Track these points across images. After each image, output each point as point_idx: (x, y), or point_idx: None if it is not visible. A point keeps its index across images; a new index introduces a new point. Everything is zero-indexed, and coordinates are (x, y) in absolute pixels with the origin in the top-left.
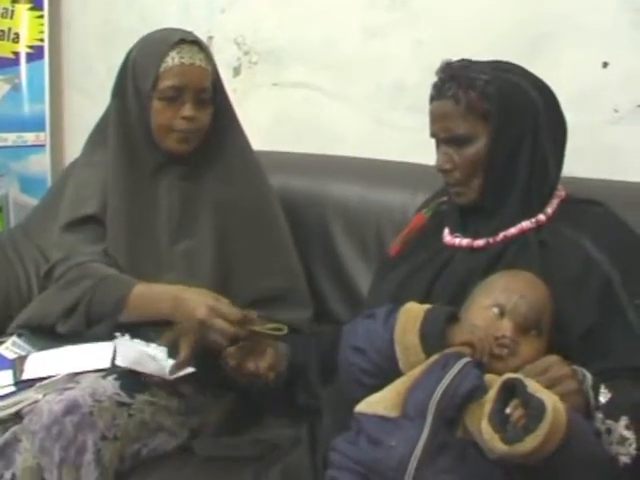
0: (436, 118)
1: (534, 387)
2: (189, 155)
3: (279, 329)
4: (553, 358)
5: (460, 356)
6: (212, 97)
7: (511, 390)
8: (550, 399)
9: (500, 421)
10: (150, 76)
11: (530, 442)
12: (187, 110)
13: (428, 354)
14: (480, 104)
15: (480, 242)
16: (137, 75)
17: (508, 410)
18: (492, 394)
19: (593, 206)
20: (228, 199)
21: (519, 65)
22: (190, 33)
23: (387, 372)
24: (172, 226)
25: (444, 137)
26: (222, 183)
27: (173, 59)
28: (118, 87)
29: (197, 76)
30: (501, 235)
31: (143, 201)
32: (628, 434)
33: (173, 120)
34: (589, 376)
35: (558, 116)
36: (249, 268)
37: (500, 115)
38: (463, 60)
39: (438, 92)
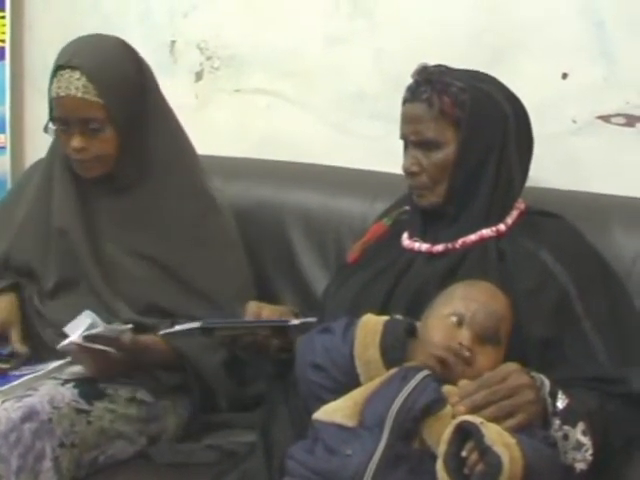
0: (408, 120)
1: (490, 435)
2: (107, 176)
3: None
4: (512, 366)
5: (419, 369)
6: (114, 121)
7: (467, 431)
8: (506, 452)
9: (456, 466)
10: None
11: None
12: (74, 141)
13: (389, 368)
14: (453, 110)
15: (439, 247)
16: None
17: (464, 453)
18: (447, 435)
19: (551, 218)
20: (161, 214)
21: (495, 77)
22: (78, 54)
23: (347, 387)
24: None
25: (414, 140)
26: (154, 198)
27: (53, 89)
28: None
29: (75, 107)
30: (460, 241)
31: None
32: (584, 440)
33: (67, 149)
34: (547, 382)
35: (527, 131)
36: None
37: (471, 124)
38: (440, 65)
39: (412, 94)
